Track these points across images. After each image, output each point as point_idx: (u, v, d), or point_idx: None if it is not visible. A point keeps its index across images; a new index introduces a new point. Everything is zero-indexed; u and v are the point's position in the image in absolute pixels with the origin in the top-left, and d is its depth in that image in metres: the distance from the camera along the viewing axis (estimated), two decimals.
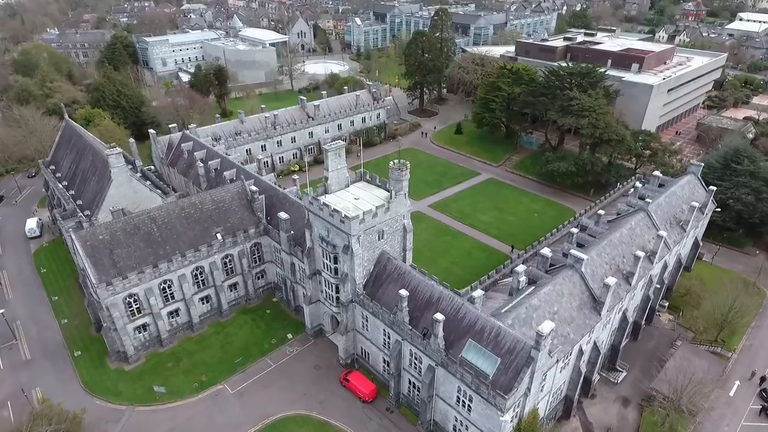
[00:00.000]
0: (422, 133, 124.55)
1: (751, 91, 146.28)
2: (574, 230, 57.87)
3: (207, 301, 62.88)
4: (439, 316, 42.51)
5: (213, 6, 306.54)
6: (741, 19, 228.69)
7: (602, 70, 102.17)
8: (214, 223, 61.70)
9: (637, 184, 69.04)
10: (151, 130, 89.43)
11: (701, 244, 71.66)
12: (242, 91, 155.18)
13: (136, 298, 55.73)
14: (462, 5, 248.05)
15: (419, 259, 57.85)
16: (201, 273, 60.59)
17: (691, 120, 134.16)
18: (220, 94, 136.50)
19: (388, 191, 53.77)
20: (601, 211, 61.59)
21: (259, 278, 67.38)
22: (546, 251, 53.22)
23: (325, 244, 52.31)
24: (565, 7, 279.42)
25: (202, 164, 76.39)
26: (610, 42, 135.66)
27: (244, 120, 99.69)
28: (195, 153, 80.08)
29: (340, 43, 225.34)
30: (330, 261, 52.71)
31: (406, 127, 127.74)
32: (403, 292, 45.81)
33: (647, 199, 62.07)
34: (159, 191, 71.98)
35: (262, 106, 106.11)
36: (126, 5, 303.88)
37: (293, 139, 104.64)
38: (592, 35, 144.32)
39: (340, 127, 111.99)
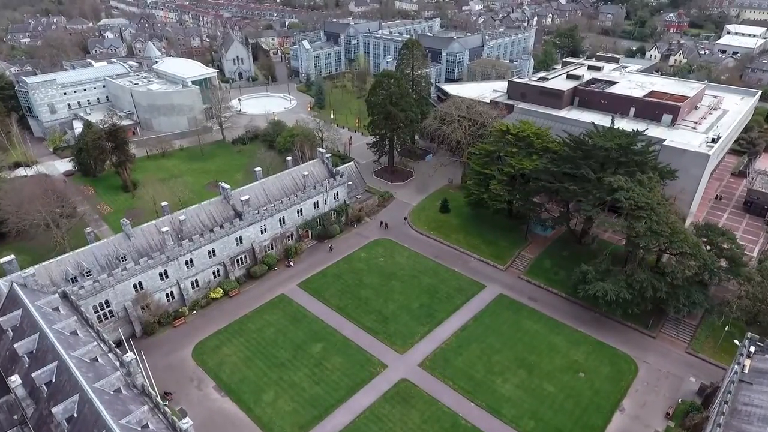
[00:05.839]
0: (382, 223, 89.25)
1: None
2: None
3: None
4: None
5: (137, 20, 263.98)
6: (729, 32, 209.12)
7: (648, 134, 73.63)
8: None
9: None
10: None
11: None
12: (156, 145, 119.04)
13: None
14: (425, 20, 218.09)
15: None
16: None
17: (724, 173, 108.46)
18: (119, 161, 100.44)
19: None
20: None
21: None
22: None
23: None
24: (536, 18, 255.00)
25: (19, 381, 42.02)
26: (625, 80, 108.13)
27: (132, 234, 65.15)
28: (16, 344, 45.42)
29: (286, 68, 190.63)
30: None
31: (374, 202, 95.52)
32: None
33: None
34: None
35: (164, 203, 71.46)
36: (30, 22, 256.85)
37: (212, 253, 70.67)
38: (598, 69, 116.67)
39: (282, 221, 78.82)
